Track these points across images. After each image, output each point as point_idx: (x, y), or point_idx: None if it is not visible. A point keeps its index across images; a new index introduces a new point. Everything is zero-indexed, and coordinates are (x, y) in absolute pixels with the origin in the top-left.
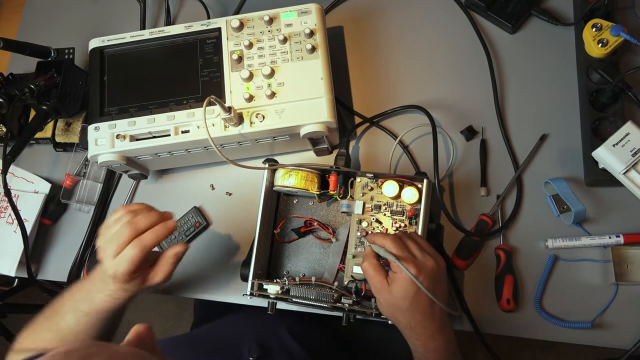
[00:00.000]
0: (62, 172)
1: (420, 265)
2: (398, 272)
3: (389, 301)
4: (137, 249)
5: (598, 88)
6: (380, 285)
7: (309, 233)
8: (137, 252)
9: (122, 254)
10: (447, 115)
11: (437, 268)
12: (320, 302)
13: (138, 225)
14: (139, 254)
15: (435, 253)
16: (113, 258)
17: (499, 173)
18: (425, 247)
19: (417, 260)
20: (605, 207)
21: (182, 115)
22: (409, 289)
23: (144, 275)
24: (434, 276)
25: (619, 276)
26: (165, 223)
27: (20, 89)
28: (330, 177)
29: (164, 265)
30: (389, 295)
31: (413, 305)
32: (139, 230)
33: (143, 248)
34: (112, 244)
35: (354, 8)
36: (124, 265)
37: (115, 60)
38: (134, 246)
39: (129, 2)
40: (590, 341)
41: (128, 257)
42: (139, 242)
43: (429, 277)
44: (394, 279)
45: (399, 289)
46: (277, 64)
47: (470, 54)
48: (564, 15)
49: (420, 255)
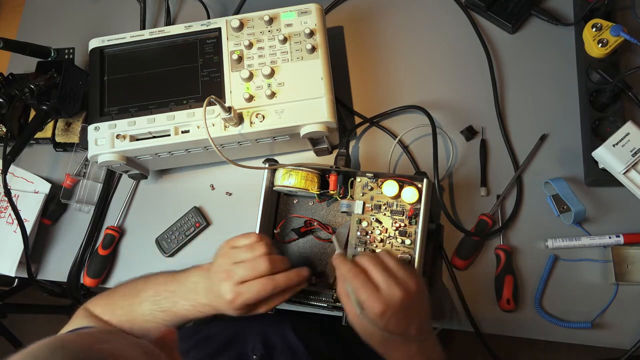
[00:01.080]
0: (62, 172)
1: (385, 299)
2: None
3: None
4: (269, 286)
5: (598, 88)
6: (351, 315)
7: (309, 233)
8: (267, 289)
9: (251, 284)
10: (447, 115)
11: (408, 296)
12: (320, 302)
13: (276, 265)
14: (269, 292)
15: (406, 275)
16: (238, 285)
17: (499, 173)
18: (394, 269)
19: (381, 293)
20: (605, 207)
21: (182, 115)
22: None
23: (253, 308)
24: (405, 306)
25: (619, 276)
26: (299, 271)
27: (20, 89)
28: (330, 177)
29: (275, 302)
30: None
31: (383, 342)
32: (276, 269)
33: (275, 288)
34: (245, 270)
35: (354, 8)
36: (249, 296)
37: (116, 60)
38: (266, 283)
39: (129, 2)
40: (590, 341)
41: (256, 290)
42: (272, 281)
43: (398, 311)
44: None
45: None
46: (277, 64)
47: (470, 54)
48: (564, 15)
49: (385, 284)
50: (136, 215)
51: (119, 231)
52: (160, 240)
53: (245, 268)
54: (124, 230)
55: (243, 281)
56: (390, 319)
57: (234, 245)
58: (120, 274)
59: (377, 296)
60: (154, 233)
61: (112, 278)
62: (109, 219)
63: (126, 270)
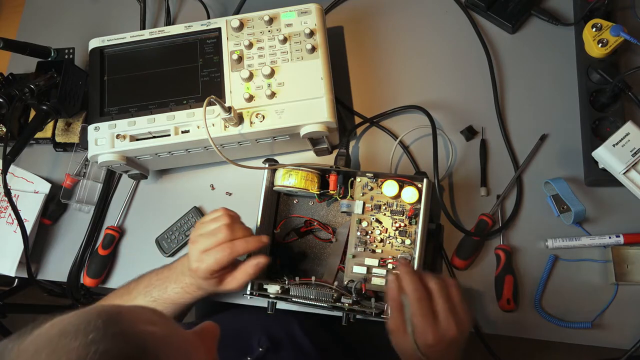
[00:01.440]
0: (62, 172)
1: (440, 333)
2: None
3: (396, 346)
4: (226, 251)
5: (598, 88)
6: (394, 327)
7: (309, 233)
8: (226, 255)
9: (211, 251)
10: (447, 115)
11: (460, 336)
12: (320, 302)
13: (235, 231)
14: (227, 256)
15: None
16: (201, 253)
17: (499, 173)
18: (457, 304)
19: (438, 325)
20: (605, 207)
21: (182, 115)
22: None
23: (222, 278)
24: (452, 343)
25: (619, 276)
26: (259, 237)
27: (20, 89)
28: (330, 177)
29: (242, 273)
30: (397, 342)
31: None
32: (235, 235)
33: (232, 252)
34: (206, 240)
35: (354, 8)
36: (209, 262)
37: (115, 60)
38: (224, 248)
39: (129, 2)
40: (590, 341)
41: (216, 256)
42: (230, 246)
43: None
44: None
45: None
46: (277, 64)
47: (470, 54)
48: (564, 15)
49: (445, 319)
50: (136, 215)
51: (119, 231)
52: (160, 240)
53: (207, 237)
54: (124, 230)
55: (206, 250)
56: (436, 350)
57: (202, 220)
58: (120, 274)
59: (434, 329)
60: (154, 233)
61: (112, 278)
62: (109, 219)
63: (126, 270)
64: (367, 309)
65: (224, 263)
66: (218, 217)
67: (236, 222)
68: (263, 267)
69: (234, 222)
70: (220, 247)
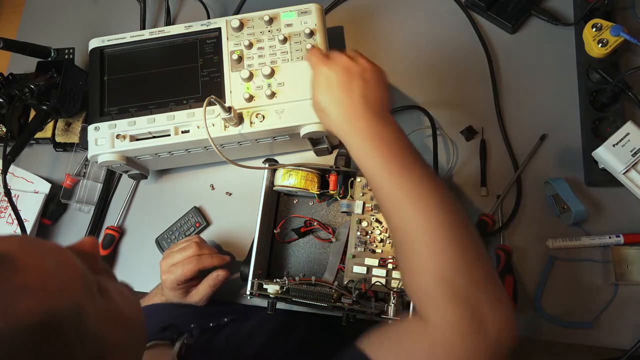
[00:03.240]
0: (62, 172)
1: (350, 62)
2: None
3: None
4: (193, 263)
5: (598, 88)
6: (317, 59)
7: (309, 233)
8: (192, 267)
9: (179, 264)
10: (447, 116)
11: (353, 63)
12: (320, 302)
13: (202, 248)
14: (193, 268)
15: (365, 59)
16: (171, 266)
17: (499, 173)
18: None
19: (349, 59)
20: (605, 207)
21: (182, 115)
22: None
23: (187, 290)
24: (350, 70)
25: (619, 276)
26: (223, 256)
27: (20, 89)
28: (330, 177)
29: (204, 285)
30: (326, 71)
31: (332, 107)
32: (202, 252)
33: (198, 264)
34: (176, 254)
35: (354, 8)
36: (177, 273)
37: (115, 60)
38: (191, 261)
39: (129, 2)
40: (590, 341)
41: (183, 269)
42: (197, 259)
43: (342, 69)
44: (331, 61)
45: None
46: (277, 64)
47: (470, 54)
48: (564, 15)
49: (338, 55)
50: (136, 215)
51: (119, 231)
52: (160, 240)
53: (177, 252)
54: (124, 230)
55: (175, 263)
56: (332, 71)
57: (177, 244)
58: (120, 274)
59: (344, 58)
60: (154, 233)
61: None
62: (109, 219)
63: (126, 270)
64: (367, 309)
65: (189, 275)
66: (188, 239)
67: (204, 242)
68: (223, 279)
69: (202, 242)
70: (188, 259)
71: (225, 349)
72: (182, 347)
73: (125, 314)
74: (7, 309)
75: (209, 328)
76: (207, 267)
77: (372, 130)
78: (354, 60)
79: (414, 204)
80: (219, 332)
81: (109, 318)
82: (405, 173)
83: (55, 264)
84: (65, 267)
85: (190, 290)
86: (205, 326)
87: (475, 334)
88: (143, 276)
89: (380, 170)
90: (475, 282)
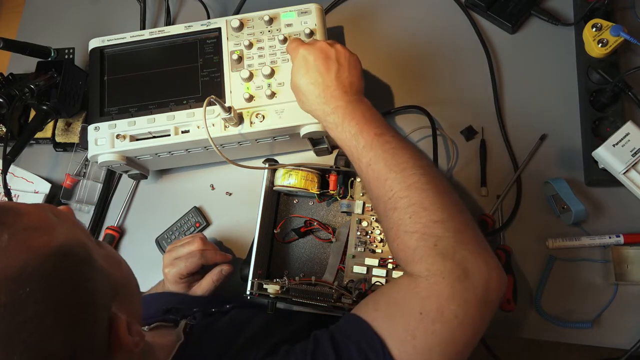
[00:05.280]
0: (62, 172)
1: (327, 46)
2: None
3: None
4: (196, 257)
5: (598, 88)
6: (297, 43)
7: (309, 233)
8: (195, 260)
9: (182, 258)
10: (447, 115)
11: (329, 46)
12: (320, 302)
13: (206, 244)
14: (196, 262)
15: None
16: (174, 259)
17: (499, 173)
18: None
19: (326, 44)
20: (605, 207)
21: (182, 115)
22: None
23: (190, 285)
24: (326, 52)
25: (619, 276)
26: (226, 254)
27: (20, 89)
28: (330, 177)
29: (206, 280)
30: (304, 52)
31: (309, 85)
32: (206, 247)
33: (201, 258)
34: (180, 248)
35: (354, 8)
36: (180, 267)
37: (115, 60)
38: (194, 254)
39: (129, 2)
40: (590, 341)
41: (186, 262)
42: (200, 253)
43: (317, 50)
44: (309, 44)
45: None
46: (277, 64)
47: (470, 54)
48: (564, 15)
49: (331, 44)
50: (136, 215)
51: (119, 231)
52: (160, 240)
53: (181, 247)
54: (124, 230)
55: (178, 257)
56: (310, 53)
57: (181, 239)
58: None
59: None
60: (154, 233)
61: None
62: (109, 219)
63: None
64: None
65: (191, 268)
66: (193, 235)
67: (207, 240)
68: (227, 275)
69: (205, 239)
70: (192, 253)
71: (227, 330)
72: (187, 326)
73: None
74: (26, 243)
75: (211, 312)
76: (210, 262)
77: (346, 107)
78: (331, 45)
79: (390, 167)
80: (221, 317)
81: (110, 260)
82: (381, 138)
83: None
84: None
85: (193, 285)
86: (208, 311)
87: (463, 282)
88: (143, 276)
89: (356, 141)
90: (457, 232)
